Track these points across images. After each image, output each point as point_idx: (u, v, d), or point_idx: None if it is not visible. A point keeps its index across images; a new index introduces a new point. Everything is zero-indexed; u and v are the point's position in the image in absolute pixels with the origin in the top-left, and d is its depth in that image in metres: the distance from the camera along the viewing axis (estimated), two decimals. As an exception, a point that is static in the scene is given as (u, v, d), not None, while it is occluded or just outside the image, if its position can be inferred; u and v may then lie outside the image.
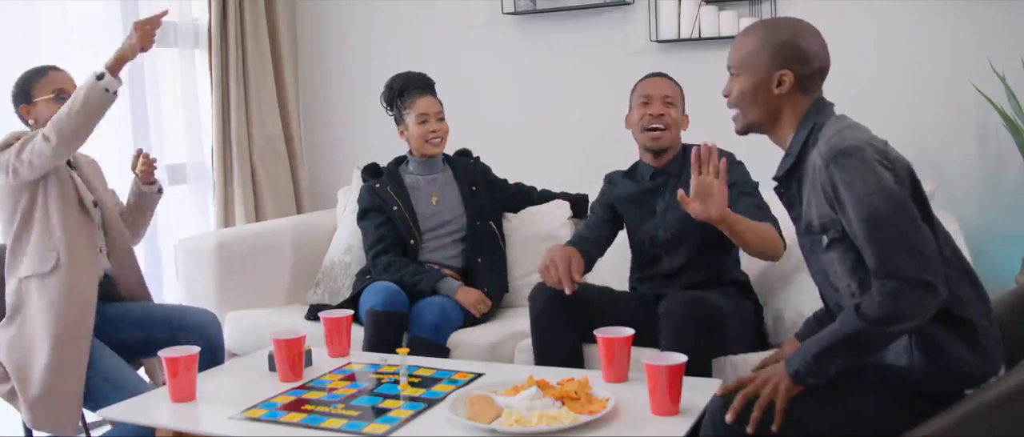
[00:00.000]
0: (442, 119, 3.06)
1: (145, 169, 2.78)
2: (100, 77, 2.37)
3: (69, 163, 2.63)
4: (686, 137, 2.68)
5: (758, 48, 1.83)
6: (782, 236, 2.39)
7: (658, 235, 2.60)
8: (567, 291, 2.34)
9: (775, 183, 1.89)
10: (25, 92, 2.57)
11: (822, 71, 1.84)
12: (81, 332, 2.45)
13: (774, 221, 2.41)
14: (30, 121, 2.58)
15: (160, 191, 2.85)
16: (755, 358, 2.32)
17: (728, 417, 1.68)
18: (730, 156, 2.54)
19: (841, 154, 1.66)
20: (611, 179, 2.77)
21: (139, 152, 2.80)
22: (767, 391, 1.69)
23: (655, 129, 2.57)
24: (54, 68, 2.62)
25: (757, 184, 2.53)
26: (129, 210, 2.82)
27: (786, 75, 1.80)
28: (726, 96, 1.90)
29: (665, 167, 2.63)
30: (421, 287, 2.88)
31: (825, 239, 1.75)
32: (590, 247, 2.61)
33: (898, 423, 1.64)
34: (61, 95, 2.55)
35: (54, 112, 2.50)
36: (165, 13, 2.49)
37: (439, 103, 3.07)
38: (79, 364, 2.42)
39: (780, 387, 1.69)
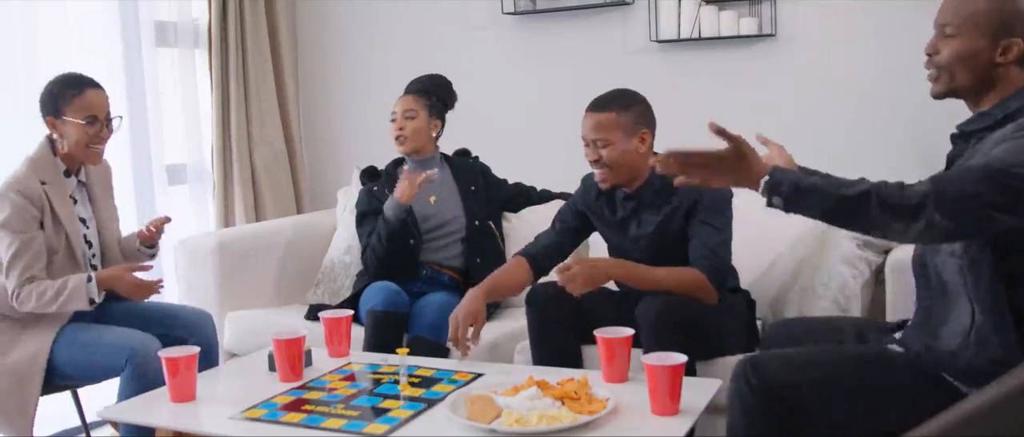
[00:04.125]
0: (411, 118, 3.02)
1: (151, 233, 2.68)
2: (89, 280, 2.40)
3: (78, 175, 2.58)
4: (675, 143, 2.54)
5: (989, 9, 1.64)
6: (717, 284, 2.32)
7: (633, 257, 2.45)
8: (461, 356, 2.31)
9: (955, 130, 1.75)
10: (55, 104, 2.43)
11: None
12: (32, 379, 2.40)
13: (708, 262, 2.33)
14: (55, 135, 2.46)
15: (152, 256, 2.72)
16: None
17: (659, 156, 1.63)
18: None
19: None
20: (588, 184, 2.59)
21: (165, 219, 2.70)
22: (732, 156, 1.60)
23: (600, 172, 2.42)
24: (92, 84, 2.47)
25: (731, 195, 2.41)
26: (121, 249, 2.71)
27: (1015, 44, 1.63)
28: (930, 54, 1.73)
29: (635, 193, 2.47)
30: (391, 223, 2.87)
31: None
32: (545, 257, 2.56)
33: (927, 407, 1.61)
34: (92, 121, 2.43)
35: (83, 136, 2.42)
36: (160, 283, 2.54)
37: (414, 102, 3.03)
38: (28, 410, 2.39)
39: (754, 168, 1.61)
